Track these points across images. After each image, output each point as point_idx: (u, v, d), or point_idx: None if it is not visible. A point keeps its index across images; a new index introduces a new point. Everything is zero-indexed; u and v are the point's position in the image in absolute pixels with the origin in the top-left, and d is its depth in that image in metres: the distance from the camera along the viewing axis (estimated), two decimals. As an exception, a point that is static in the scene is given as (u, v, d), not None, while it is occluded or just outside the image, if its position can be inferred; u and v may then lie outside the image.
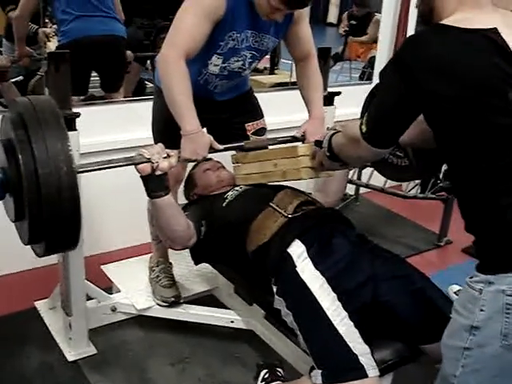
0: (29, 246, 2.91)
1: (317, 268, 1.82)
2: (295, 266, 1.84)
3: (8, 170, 1.65)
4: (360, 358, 1.66)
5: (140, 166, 1.88)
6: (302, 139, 2.31)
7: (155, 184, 1.92)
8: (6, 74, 3.46)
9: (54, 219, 1.62)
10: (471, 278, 1.34)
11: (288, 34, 2.27)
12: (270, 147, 2.46)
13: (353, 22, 6.53)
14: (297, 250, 1.88)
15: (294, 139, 2.33)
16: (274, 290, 1.89)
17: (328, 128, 2.25)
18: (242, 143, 2.23)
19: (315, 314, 1.75)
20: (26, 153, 1.57)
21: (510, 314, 1.26)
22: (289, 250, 1.88)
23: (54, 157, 1.57)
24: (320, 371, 1.69)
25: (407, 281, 1.87)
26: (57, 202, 1.59)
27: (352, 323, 1.72)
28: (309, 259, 1.85)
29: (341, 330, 1.70)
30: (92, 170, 1.88)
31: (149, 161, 1.88)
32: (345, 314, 1.73)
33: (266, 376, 2.13)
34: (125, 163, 1.91)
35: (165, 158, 1.90)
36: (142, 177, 1.91)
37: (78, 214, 1.66)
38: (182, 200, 2.52)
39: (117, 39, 3.43)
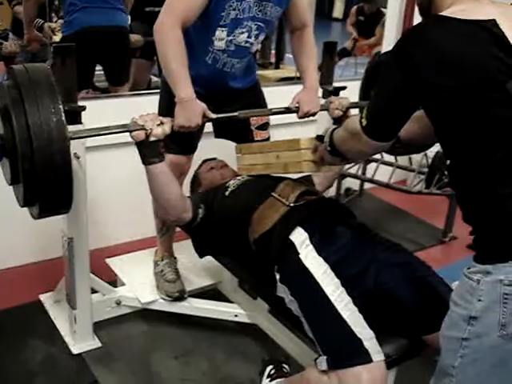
0: (33, 239, 2.95)
1: (320, 255, 1.84)
2: (298, 253, 1.85)
3: (4, 135, 1.71)
4: (364, 342, 1.66)
5: (134, 133, 1.95)
6: (296, 110, 2.33)
7: (149, 150, 1.97)
8: (14, 60, 3.47)
9: (46, 181, 1.68)
10: (469, 268, 1.34)
11: (288, 3, 2.28)
12: (273, 139, 2.48)
13: (361, 18, 6.41)
14: (299, 238, 1.89)
15: (288, 110, 2.35)
16: (277, 277, 1.90)
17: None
18: (236, 113, 2.23)
19: (319, 300, 1.75)
20: (20, 118, 1.63)
21: (507, 303, 1.26)
22: (291, 238, 1.90)
23: (47, 122, 1.63)
24: (325, 357, 1.68)
25: (408, 268, 1.87)
26: (50, 166, 1.65)
27: (356, 308, 1.72)
28: (312, 246, 1.86)
29: (345, 314, 1.70)
30: (85, 137, 1.96)
31: (142, 128, 1.93)
32: (348, 299, 1.74)
33: (272, 372, 2.13)
34: (119, 130, 1.96)
35: (158, 125, 1.96)
36: (136, 143, 1.97)
37: (69, 177, 1.73)
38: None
39: (120, 29, 3.44)
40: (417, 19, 3.93)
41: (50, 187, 1.70)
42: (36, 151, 1.62)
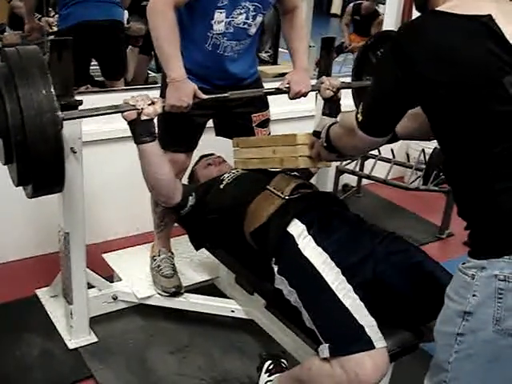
0: (30, 234, 2.94)
1: (319, 245, 1.84)
2: (297, 244, 1.85)
3: None
4: (366, 329, 1.65)
5: (125, 113, 1.98)
6: (287, 90, 2.35)
7: (141, 129, 2.01)
8: None
9: (39, 161, 1.70)
10: (464, 263, 1.34)
11: None
12: (275, 131, 2.47)
13: (356, 18, 6.39)
14: (297, 229, 1.90)
15: (279, 91, 2.37)
16: (275, 269, 1.90)
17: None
18: (227, 94, 2.23)
19: (320, 289, 1.75)
20: (12, 99, 1.64)
21: (502, 298, 1.26)
22: (288, 229, 1.90)
23: (38, 102, 1.65)
24: (327, 345, 1.68)
25: (406, 255, 1.87)
26: (41, 146, 1.67)
27: (357, 296, 1.72)
28: (310, 237, 1.87)
29: (346, 302, 1.70)
30: (78, 118, 1.98)
31: (134, 108, 1.96)
32: (349, 287, 1.74)
33: (271, 367, 2.13)
34: (111, 111, 1.98)
35: (149, 104, 1.99)
36: (128, 123, 2.00)
37: (61, 157, 1.74)
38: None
39: (116, 24, 3.43)
40: (415, 14, 3.94)
41: (43, 168, 1.71)
42: (29, 137, 1.63)
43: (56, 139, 1.70)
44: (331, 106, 2.47)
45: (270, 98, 2.54)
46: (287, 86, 2.35)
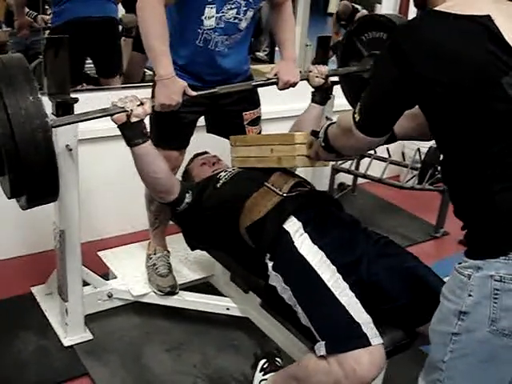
0: (25, 232, 2.94)
1: (314, 243, 1.84)
2: (293, 241, 1.86)
3: None
4: (362, 326, 1.66)
5: (115, 116, 1.94)
6: (276, 81, 2.34)
7: (132, 131, 1.97)
8: (4, 49, 3.45)
9: (31, 172, 1.66)
10: (460, 263, 1.35)
11: None
12: (270, 130, 2.47)
13: (342, 23, 6.47)
14: (293, 226, 1.90)
15: (268, 82, 2.36)
16: (270, 265, 1.90)
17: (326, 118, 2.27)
18: (216, 89, 2.21)
19: (316, 286, 1.76)
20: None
21: (497, 299, 1.27)
22: (285, 226, 1.91)
23: (27, 113, 1.60)
24: (323, 342, 1.68)
25: (397, 260, 1.88)
26: (33, 156, 1.63)
27: (353, 294, 1.73)
28: (306, 234, 1.87)
29: (342, 299, 1.71)
30: (67, 124, 1.93)
31: (123, 110, 1.93)
32: (345, 285, 1.74)
33: (265, 366, 2.13)
34: (100, 115, 1.94)
35: (138, 105, 1.96)
36: (118, 126, 1.96)
37: (54, 167, 1.70)
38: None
39: (110, 20, 3.42)
40: (412, 14, 3.94)
41: (36, 179, 1.68)
42: (20, 148, 1.59)
43: (47, 147, 1.66)
44: (321, 93, 2.47)
45: (265, 96, 2.55)
46: (276, 76, 2.34)
